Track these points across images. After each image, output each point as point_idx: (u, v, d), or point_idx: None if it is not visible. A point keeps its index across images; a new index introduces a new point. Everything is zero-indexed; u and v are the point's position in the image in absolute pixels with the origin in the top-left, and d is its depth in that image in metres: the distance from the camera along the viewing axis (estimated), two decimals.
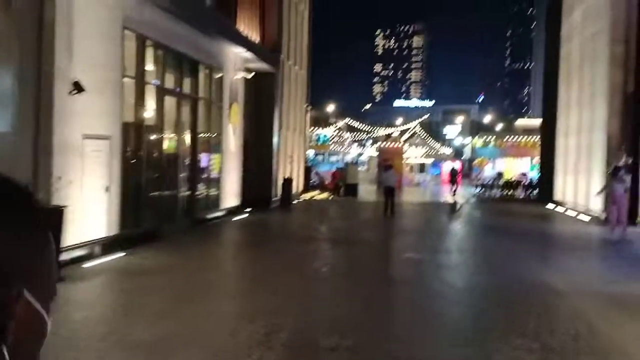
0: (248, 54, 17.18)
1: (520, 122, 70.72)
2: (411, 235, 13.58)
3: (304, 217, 18.69)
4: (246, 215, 17.08)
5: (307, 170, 29.32)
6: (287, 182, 21.08)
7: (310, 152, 52.89)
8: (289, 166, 22.15)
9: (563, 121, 22.98)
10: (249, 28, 18.67)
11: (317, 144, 49.63)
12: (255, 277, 8.55)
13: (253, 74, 17.61)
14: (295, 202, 22.81)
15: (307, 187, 29.40)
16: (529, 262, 9.80)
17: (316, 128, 50.34)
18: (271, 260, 9.87)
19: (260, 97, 20.13)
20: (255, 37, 19.26)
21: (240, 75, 17.19)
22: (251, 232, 14.35)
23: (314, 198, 27.67)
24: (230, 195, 17.23)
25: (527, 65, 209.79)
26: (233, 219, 16.16)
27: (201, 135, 15.08)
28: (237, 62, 17.07)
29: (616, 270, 9.20)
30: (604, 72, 17.59)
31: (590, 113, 18.98)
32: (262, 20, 20.03)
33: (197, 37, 13.88)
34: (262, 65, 18.91)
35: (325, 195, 30.80)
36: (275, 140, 20.50)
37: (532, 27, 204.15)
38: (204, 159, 15.55)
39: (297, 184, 25.05)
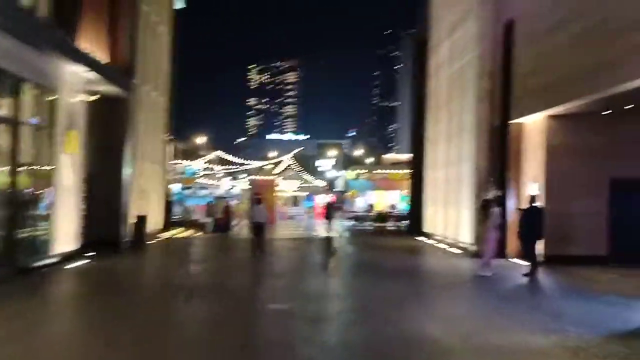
0: (91, 75, 14.72)
1: (389, 156, 73.49)
2: (280, 278, 11.93)
3: (157, 261, 16.25)
4: (86, 261, 14.32)
5: (169, 206, 26.66)
6: (140, 220, 18.49)
7: (176, 186, 49.69)
8: (143, 202, 19.57)
9: (431, 154, 23.08)
10: (94, 46, 16.19)
11: (184, 178, 46.64)
12: (74, 351, 6.32)
13: (96, 97, 15.13)
14: (152, 242, 20.19)
15: (169, 225, 26.69)
16: (409, 309, 8.59)
17: (183, 161, 47.45)
18: (99, 323, 7.62)
19: (109, 124, 17.53)
20: (102, 56, 16.79)
21: (80, 97, 14.63)
22: (84, 284, 11.74)
23: (176, 236, 25.07)
24: (66, 238, 14.38)
25: (394, 103, 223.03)
26: (67, 267, 13.37)
27: (25, 166, 12.32)
28: (76, 83, 14.52)
29: (499, 313, 8.25)
30: (471, 107, 17.66)
31: (458, 146, 18.99)
32: (112, 40, 17.61)
33: (21, 50, 11.36)
34: (110, 88, 16.45)
35: (190, 232, 28.27)
36: (126, 172, 17.92)
37: (398, 67, 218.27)
38: (29, 194, 12.72)
39: (155, 222, 22.41)
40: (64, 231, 14.22)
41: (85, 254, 15.32)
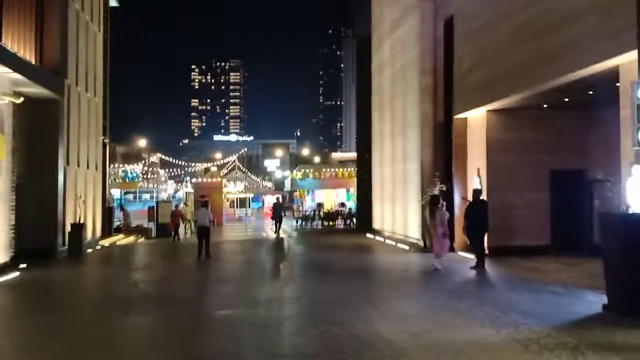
0: (16, 75, 13.78)
1: (336, 155, 73.62)
2: (227, 284, 11.51)
3: (96, 269, 15.43)
4: (17, 273, 13.40)
5: (109, 212, 25.55)
6: (77, 227, 17.56)
7: (117, 191, 47.88)
8: (80, 209, 18.60)
9: (378, 152, 23.13)
10: (19, 45, 15.19)
11: (125, 182, 45.02)
12: None
13: (22, 99, 14.18)
14: (91, 250, 19.24)
15: (110, 231, 25.60)
16: (360, 310, 8.40)
17: (124, 165, 45.82)
18: (30, 344, 7.01)
19: (39, 128, 16.55)
20: (29, 56, 15.78)
21: (6, 100, 13.65)
22: (12, 299, 10.92)
23: (118, 243, 24.05)
24: None
25: (339, 102, 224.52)
26: None
27: None
28: (2, 85, 13.55)
29: (450, 309, 8.20)
30: (414, 103, 17.77)
31: (403, 143, 19.08)
32: (40, 38, 16.59)
33: None
34: (39, 90, 15.50)
35: (133, 238, 27.22)
36: (60, 178, 16.95)
37: (341, 66, 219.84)
38: None
39: (94, 229, 21.40)
40: None
41: (18, 266, 14.38)
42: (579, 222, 13.94)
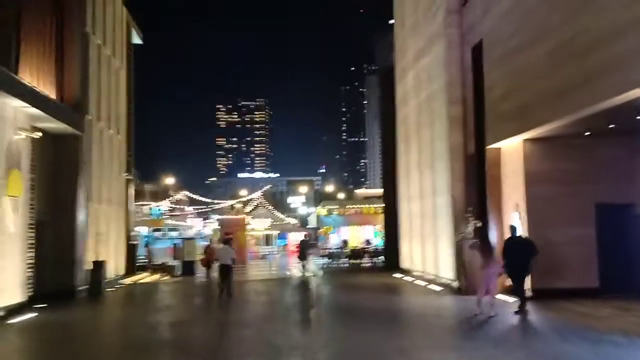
0: (33, 110, 13.56)
1: (360, 192, 72.90)
2: (247, 328, 10.69)
3: (114, 311, 14.78)
4: (33, 314, 12.85)
5: (132, 249, 25.09)
6: (97, 266, 17.05)
7: (143, 229, 47.74)
8: (101, 246, 18.14)
9: (404, 186, 22.31)
10: (38, 79, 15.04)
11: (151, 219, 44.91)
12: None
13: (40, 134, 13.93)
14: (112, 289, 18.67)
15: (133, 269, 25.10)
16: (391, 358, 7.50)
17: (148, 202, 45.89)
18: None
19: (60, 164, 16.28)
20: (48, 91, 15.63)
21: (23, 135, 13.39)
22: (24, 342, 10.29)
23: (141, 281, 23.48)
24: (10, 290, 12.93)
25: (362, 138, 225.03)
26: (11, 321, 11.94)
27: None
28: (17, 119, 13.31)
29: None
30: (442, 134, 17.01)
31: (431, 177, 18.25)
32: (60, 73, 16.50)
33: None
34: (58, 125, 15.29)
35: (156, 276, 26.64)
36: (80, 216, 16.56)
37: (364, 103, 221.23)
38: None
39: (117, 267, 20.91)
40: (8, 282, 12.79)
41: (35, 306, 13.86)
42: (629, 260, 12.80)
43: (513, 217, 13.76)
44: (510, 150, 14.24)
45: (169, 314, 13.14)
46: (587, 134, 12.45)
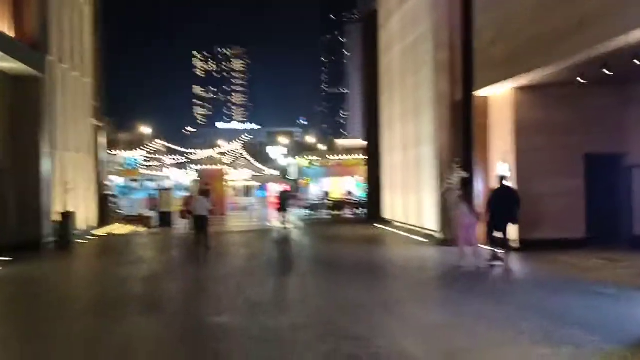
0: None
1: (341, 142, 71.97)
2: (225, 282, 10.15)
3: (82, 263, 14.10)
4: None
5: (104, 200, 24.21)
6: (65, 217, 16.24)
7: (118, 179, 46.64)
8: (70, 196, 17.28)
9: (387, 137, 21.67)
10: None
11: (125, 169, 43.71)
12: None
13: None
14: (82, 241, 17.94)
15: (105, 220, 24.31)
16: (379, 317, 7.08)
17: (122, 151, 44.54)
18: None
19: (20, 108, 15.19)
20: (3, 27, 14.34)
21: None
22: None
23: (115, 233, 22.75)
24: None
25: (343, 90, 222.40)
26: None
27: None
28: None
29: (487, 319, 6.80)
30: (428, 81, 16.24)
31: (415, 126, 17.60)
32: (17, 9, 15.13)
33: None
34: (15, 65, 14.12)
35: (132, 228, 25.92)
36: (44, 163, 15.61)
37: (344, 53, 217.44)
38: None
39: (87, 218, 20.11)
40: None
41: None
42: (617, 211, 12.48)
43: (500, 168, 13.27)
44: (499, 99, 13.60)
45: (141, 267, 12.52)
46: (580, 81, 11.82)
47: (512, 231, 12.53)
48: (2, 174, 14.35)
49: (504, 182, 11.49)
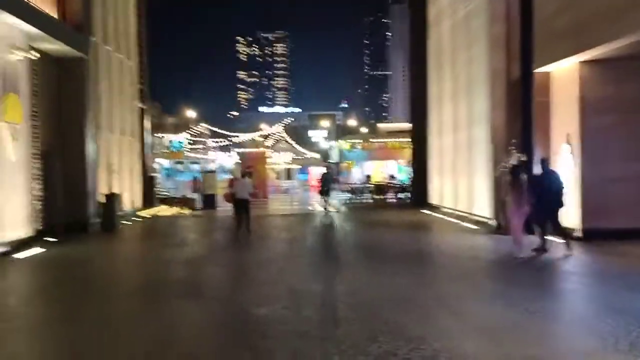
0: (31, 28, 12.24)
1: (383, 126, 70.83)
2: (266, 269, 9.74)
3: (126, 246, 13.99)
4: (41, 249, 12.11)
5: (150, 182, 24.31)
6: (110, 198, 16.20)
7: (164, 161, 47.21)
8: (115, 178, 17.26)
9: (435, 118, 20.74)
10: None
11: (170, 152, 44.19)
12: None
13: (38, 55, 12.67)
14: (128, 222, 17.98)
15: (151, 202, 24.43)
16: (434, 314, 6.49)
17: (168, 134, 45.03)
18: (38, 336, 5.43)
19: (65, 90, 15.13)
20: (48, 9, 14.21)
21: (19, 55, 12.15)
22: (25, 278, 9.51)
23: (159, 214, 22.83)
24: (14, 223, 12.14)
25: (385, 71, 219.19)
26: (16, 256, 11.22)
27: None
28: (13, 38, 12.04)
29: (558, 318, 6.11)
30: (482, 58, 15.29)
31: (467, 106, 16.67)
32: None
33: None
34: (60, 47, 13.99)
35: (176, 210, 26.01)
36: (90, 145, 15.56)
37: (387, 35, 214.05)
38: None
39: (133, 200, 20.15)
40: (11, 215, 11.97)
41: (45, 240, 13.16)
42: None
43: (563, 150, 12.31)
44: (562, 75, 12.55)
45: (183, 250, 12.27)
46: None
47: (570, 219, 11.65)
48: (50, 156, 14.34)
49: (547, 166, 10.72)
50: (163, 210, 24.55)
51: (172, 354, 5.33)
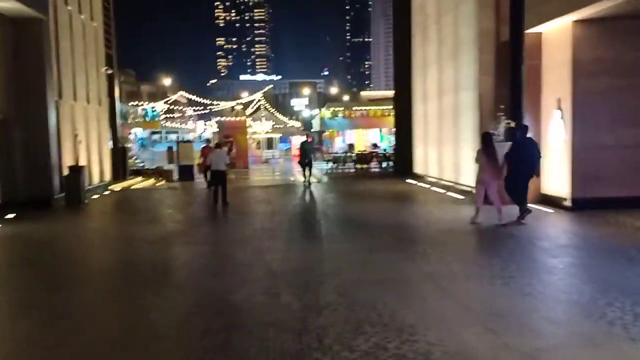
0: None
1: (366, 93, 69.86)
2: (243, 246, 9.05)
3: (91, 222, 13.13)
4: None
5: (121, 153, 23.31)
6: (75, 171, 15.26)
7: (140, 132, 45.86)
8: (82, 149, 16.27)
9: (420, 84, 19.96)
10: None
11: (144, 121, 42.82)
12: None
13: None
14: (97, 196, 17.08)
15: (124, 174, 23.49)
16: (427, 297, 5.89)
17: (142, 103, 43.60)
18: None
19: (22, 53, 13.98)
20: None
21: None
22: None
23: (133, 187, 21.93)
24: None
25: (367, 38, 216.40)
26: None
27: None
28: None
29: (565, 300, 5.57)
30: (469, 19, 14.49)
31: (454, 71, 15.91)
32: None
33: None
34: (14, 5, 12.78)
35: (151, 182, 25.10)
36: (51, 113, 14.51)
37: (369, 1, 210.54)
38: None
39: (102, 172, 19.20)
40: None
41: (2, 217, 12.27)
42: None
43: (554, 116, 11.69)
44: (554, 36, 11.83)
45: (153, 227, 11.48)
46: None
47: (559, 187, 11.15)
48: (7, 125, 13.32)
49: (526, 133, 10.35)
50: (136, 182, 23.63)
51: (130, 354, 4.63)
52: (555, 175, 11.77)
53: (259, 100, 57.97)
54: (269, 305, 5.73)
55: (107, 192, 18.70)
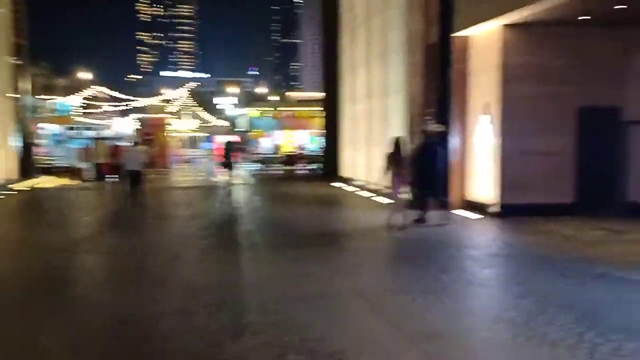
0: None
1: (294, 94, 69.38)
2: (155, 256, 8.17)
3: None
4: None
5: (27, 149, 21.40)
6: None
7: (55, 127, 42.90)
8: None
9: (348, 86, 19.68)
10: None
11: (56, 116, 40.07)
12: None
13: None
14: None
15: (29, 173, 21.60)
16: (360, 316, 5.39)
17: (54, 96, 40.83)
18: None
19: None
20: None
21: None
22: None
23: (40, 187, 20.14)
24: None
25: (296, 40, 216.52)
26: None
27: None
28: None
29: (504, 318, 5.23)
30: (398, 21, 14.31)
31: (383, 73, 15.71)
32: None
33: None
34: None
35: (63, 181, 23.24)
36: None
37: (298, 1, 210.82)
38: None
39: (6, 169, 17.46)
40: None
41: None
42: (610, 172, 11.11)
43: (481, 121, 11.63)
44: (483, 40, 11.78)
45: (56, 232, 10.30)
46: (583, 17, 10.17)
47: (488, 194, 11.12)
48: None
49: (434, 138, 10.68)
50: (45, 181, 21.80)
51: None
52: (482, 180, 11.71)
53: (181, 97, 56.11)
54: (179, 327, 4.98)
55: (10, 192, 16.97)
